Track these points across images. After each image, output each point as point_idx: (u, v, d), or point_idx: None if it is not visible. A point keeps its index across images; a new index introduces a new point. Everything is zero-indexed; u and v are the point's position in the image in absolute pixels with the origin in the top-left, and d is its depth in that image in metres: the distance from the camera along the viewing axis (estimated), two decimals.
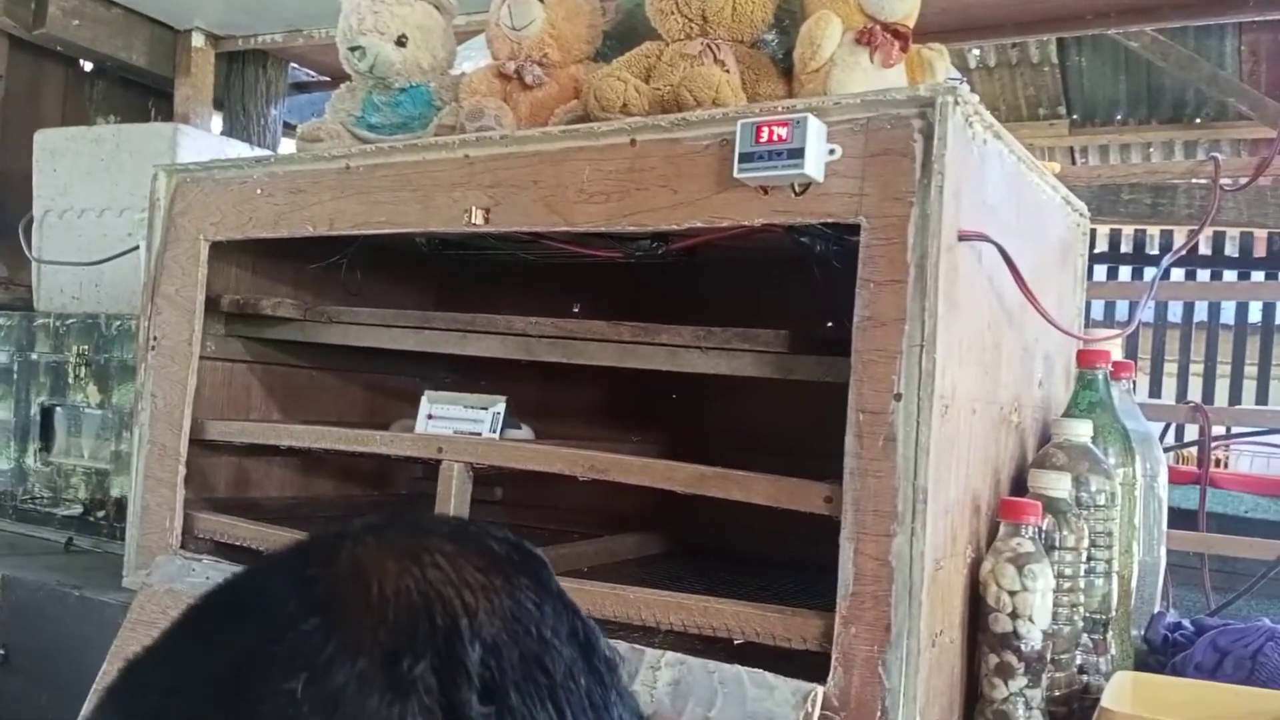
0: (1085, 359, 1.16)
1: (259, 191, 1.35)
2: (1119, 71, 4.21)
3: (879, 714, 0.89)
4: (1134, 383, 1.25)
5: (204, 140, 2.06)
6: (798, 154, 0.93)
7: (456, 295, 1.79)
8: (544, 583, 0.49)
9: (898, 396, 0.90)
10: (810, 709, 0.89)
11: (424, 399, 1.30)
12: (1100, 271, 5.25)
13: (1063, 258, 1.28)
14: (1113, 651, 1.08)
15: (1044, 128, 4.75)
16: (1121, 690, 0.97)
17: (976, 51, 4.32)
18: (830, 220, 0.96)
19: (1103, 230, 5.49)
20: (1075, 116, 4.63)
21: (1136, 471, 1.14)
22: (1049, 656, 0.97)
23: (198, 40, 2.69)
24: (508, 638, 0.44)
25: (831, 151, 0.95)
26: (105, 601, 1.46)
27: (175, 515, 1.39)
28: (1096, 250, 5.58)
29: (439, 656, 0.42)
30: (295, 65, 2.99)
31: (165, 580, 1.30)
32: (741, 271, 1.46)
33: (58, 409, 1.96)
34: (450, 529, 0.50)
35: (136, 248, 1.83)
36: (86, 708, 1.22)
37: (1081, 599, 1.03)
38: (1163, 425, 1.73)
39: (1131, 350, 4.42)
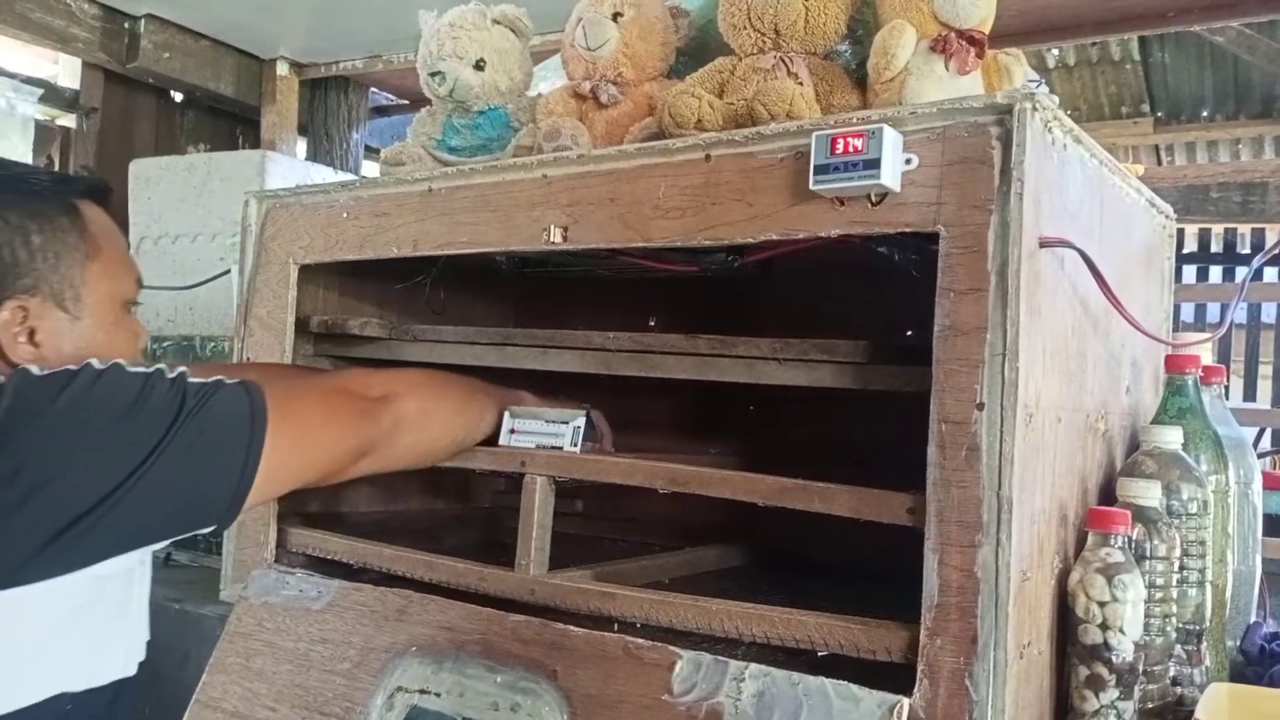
0: (1174, 364, 1.14)
1: (345, 215, 1.40)
2: (1204, 67, 4.10)
3: None
4: (1226, 387, 1.22)
5: (290, 166, 2.13)
6: (873, 164, 0.94)
7: (534, 311, 1.82)
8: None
9: (980, 406, 0.90)
10: None
11: (505, 414, 1.33)
12: (1189, 273, 5.10)
13: (1148, 261, 1.26)
14: (1207, 663, 1.05)
15: (1127, 126, 4.65)
16: (1216, 702, 0.95)
17: (1055, 51, 4.24)
18: (908, 230, 0.96)
19: (1191, 230, 5.33)
20: (1160, 114, 4.52)
21: (1229, 478, 1.12)
22: (1141, 668, 0.95)
23: (282, 69, 2.78)
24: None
25: (908, 161, 0.95)
26: (203, 614, 1.51)
27: (269, 530, 1.43)
28: (1185, 251, 5.42)
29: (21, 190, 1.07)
30: (375, 90, 3.07)
31: (261, 593, 1.34)
32: (815, 282, 1.46)
33: None
34: None
35: (228, 271, 1.90)
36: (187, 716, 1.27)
37: (1174, 609, 1.01)
38: (1257, 430, 1.68)
39: (1224, 354, 4.28)
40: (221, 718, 1.26)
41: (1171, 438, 1.05)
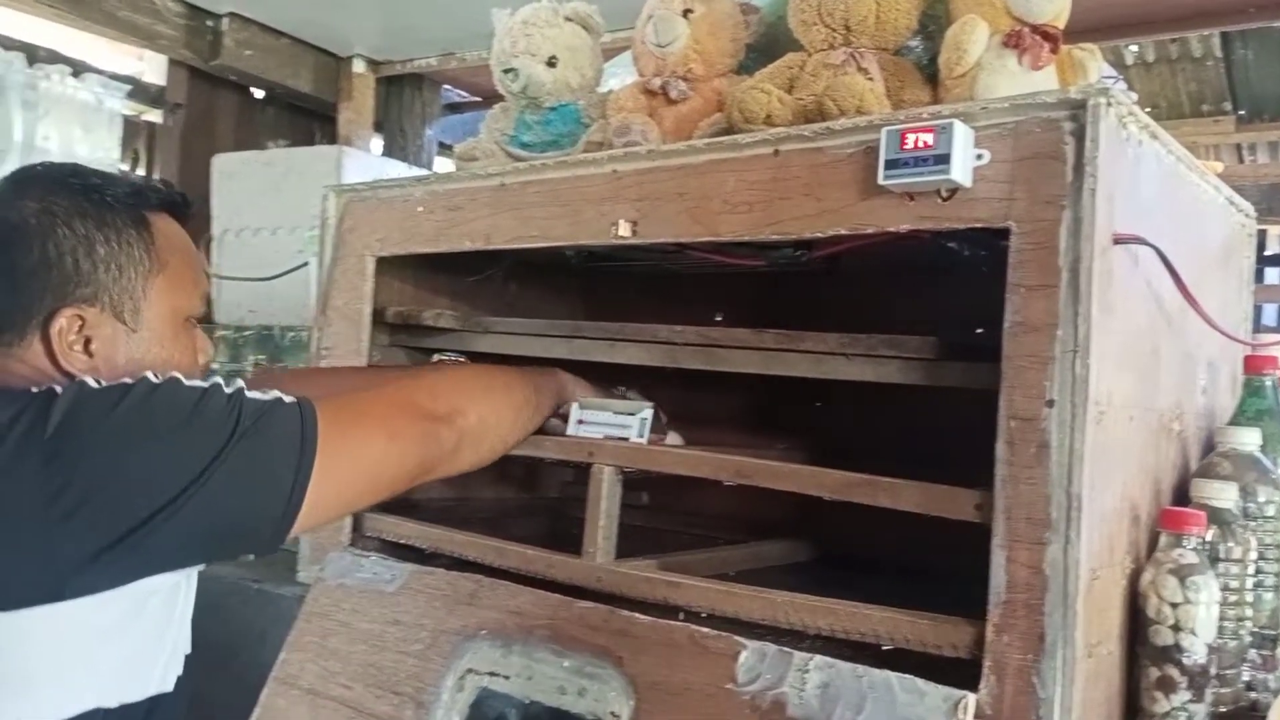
0: (1252, 365, 1.12)
1: (420, 209, 1.43)
2: None
3: None
4: None
5: (365, 161, 2.18)
6: (944, 160, 0.94)
7: (601, 306, 1.84)
8: (82, 168, 1.08)
9: (1050, 403, 0.89)
10: (962, 717, 0.89)
11: (574, 406, 1.35)
12: (1272, 275, 4.95)
13: (1226, 260, 1.24)
14: None
15: (1208, 125, 4.52)
16: None
17: (1134, 48, 4.14)
18: (978, 225, 0.95)
19: (1275, 231, 5.17)
20: (1242, 112, 4.39)
21: None
22: (1213, 671, 0.94)
23: (358, 66, 2.84)
24: (89, 177, 1.05)
25: (979, 156, 0.95)
26: (281, 594, 1.56)
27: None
28: (1268, 252, 5.26)
29: (82, 195, 1.01)
30: (448, 87, 3.12)
31: (337, 575, 1.38)
32: (882, 279, 1.46)
33: None
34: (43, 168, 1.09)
35: (306, 264, 1.96)
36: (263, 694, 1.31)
37: (1249, 613, 0.99)
38: None
39: None
40: (298, 694, 1.31)
41: (1249, 439, 1.04)
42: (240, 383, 0.96)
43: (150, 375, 0.92)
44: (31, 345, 0.96)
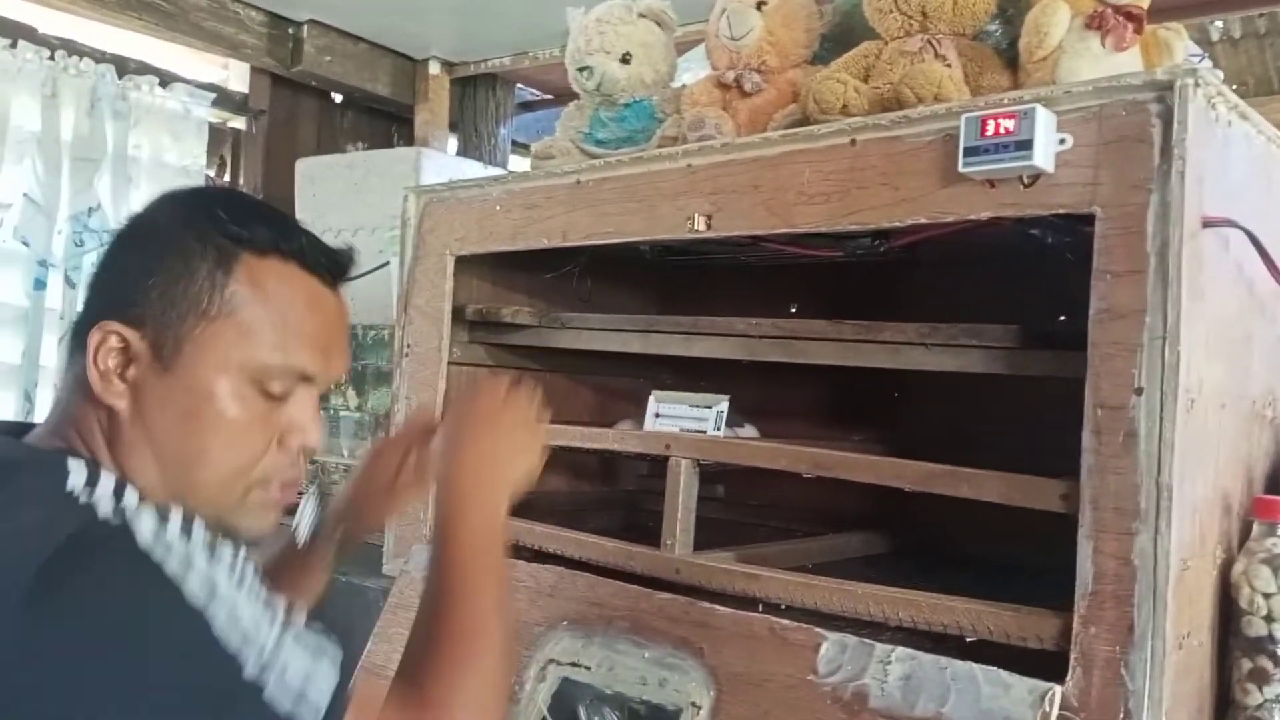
0: None
1: (498, 208, 1.45)
2: None
3: (1121, 716, 0.86)
4: None
5: (442, 161, 2.22)
6: (1026, 145, 0.92)
7: (677, 300, 1.85)
8: (244, 194, 1.16)
9: (1139, 391, 0.88)
10: (1049, 709, 0.88)
11: (651, 398, 1.36)
12: None
13: None
14: None
15: None
16: None
17: (1220, 23, 4.01)
18: (1062, 211, 0.94)
19: None
20: None
21: None
22: None
23: (434, 68, 2.89)
24: (243, 204, 0.93)
25: (1062, 141, 0.93)
26: (368, 587, 1.60)
27: (428, 508, 1.50)
28: None
29: (211, 217, 0.85)
30: (521, 86, 3.15)
31: (421, 568, 1.41)
32: (959, 267, 1.44)
33: (321, 411, 2.15)
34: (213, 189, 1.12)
35: (387, 264, 2.00)
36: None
37: None
38: None
39: None
40: (385, 683, 1.34)
41: None
42: (282, 656, 0.72)
43: (191, 586, 0.70)
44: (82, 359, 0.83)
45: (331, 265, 0.88)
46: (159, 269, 0.82)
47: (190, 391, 0.82)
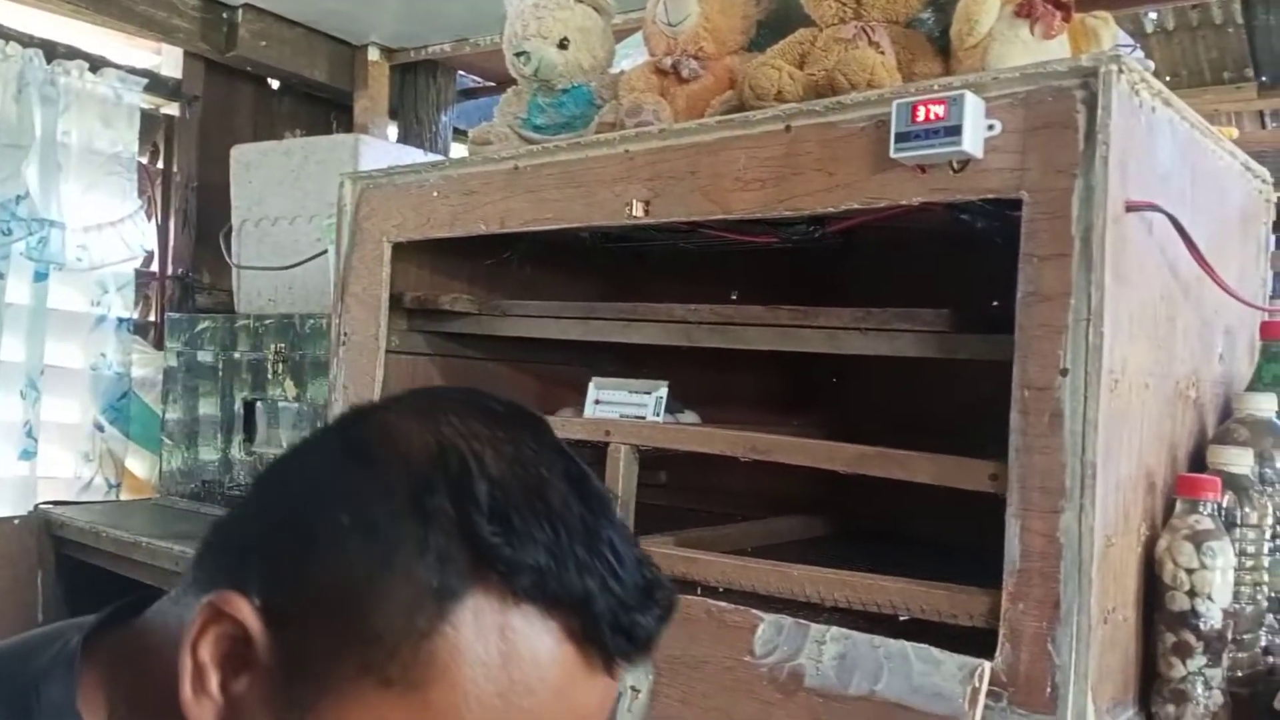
0: (1269, 331, 1.11)
1: (435, 194, 1.44)
2: None
3: (1048, 690, 0.88)
4: None
5: (382, 149, 2.19)
6: (955, 131, 0.94)
7: (619, 288, 1.85)
8: (540, 435, 0.58)
9: (1064, 372, 0.90)
10: (978, 684, 0.89)
11: (591, 385, 1.36)
12: None
13: (1244, 227, 1.23)
14: None
15: (1230, 92, 4.46)
16: None
17: (1154, 15, 4.09)
18: (991, 196, 0.96)
19: None
20: (1264, 78, 4.33)
21: None
22: (1230, 636, 0.94)
23: (373, 54, 2.85)
24: (510, 475, 0.54)
25: (990, 127, 0.95)
26: None
27: None
28: None
29: (454, 490, 0.52)
30: (463, 73, 3.12)
31: None
32: (898, 255, 1.46)
33: (258, 403, 2.12)
34: (460, 396, 0.60)
35: (325, 252, 1.97)
36: None
37: (1266, 578, 0.99)
38: None
39: None
40: None
41: (1265, 405, 1.03)
42: None
43: None
44: (190, 613, 0.54)
45: (629, 637, 0.54)
46: (332, 549, 0.52)
47: None
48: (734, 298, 1.65)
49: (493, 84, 3.09)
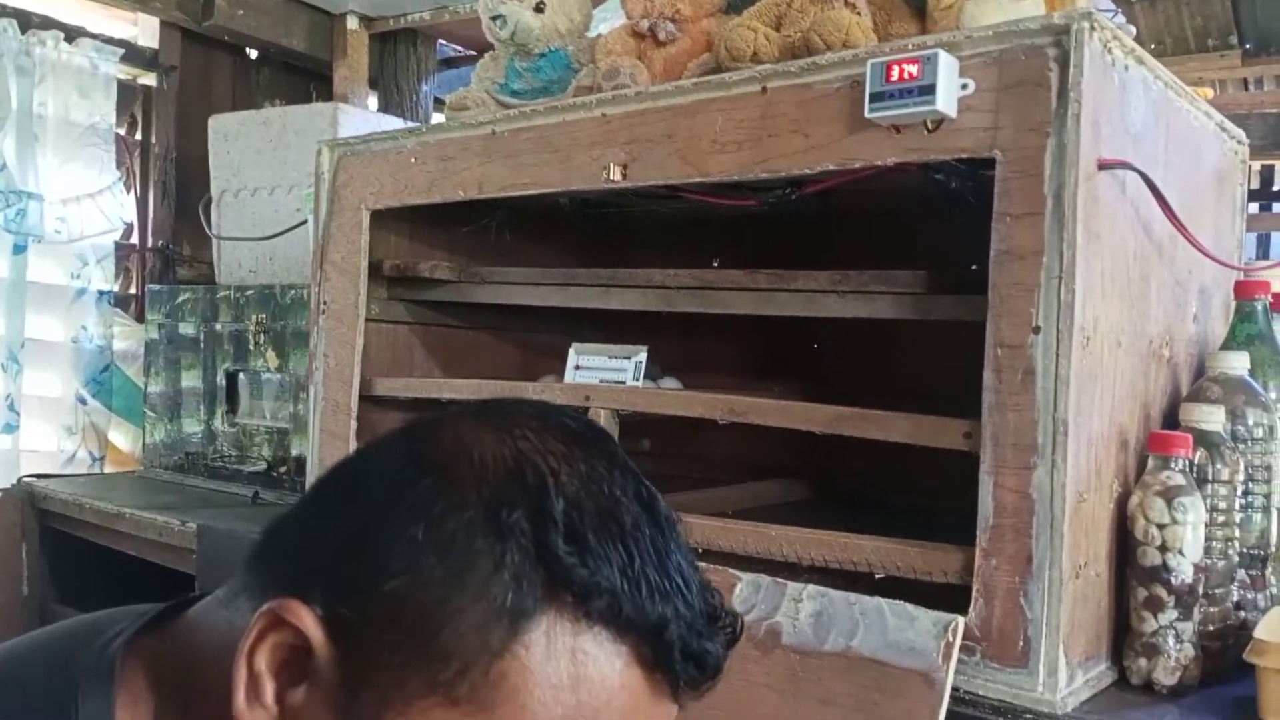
0: (1243, 290, 1.12)
1: (413, 160, 1.43)
2: None
3: (1021, 644, 0.89)
4: None
5: (361, 118, 2.17)
6: (929, 90, 0.94)
7: (600, 257, 1.84)
8: (612, 454, 0.57)
9: (1036, 329, 0.90)
10: (951, 639, 0.90)
11: (571, 351, 1.36)
12: None
13: (1219, 187, 1.23)
14: (1273, 589, 1.05)
15: (1214, 59, 4.46)
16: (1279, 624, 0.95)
17: None
18: (965, 155, 0.96)
19: None
20: (1248, 46, 4.33)
21: None
22: (1201, 591, 0.95)
23: (352, 23, 2.82)
24: (585, 495, 0.53)
25: (964, 86, 0.95)
26: None
27: None
28: (1277, 188, 5.21)
29: (531, 507, 0.51)
30: (443, 42, 3.10)
31: None
32: (880, 222, 1.46)
33: (240, 374, 2.12)
34: (534, 410, 0.58)
35: (305, 222, 1.96)
36: None
37: (1237, 534, 1.00)
38: None
39: None
40: None
41: (1237, 363, 1.04)
42: None
43: None
44: (243, 618, 0.53)
45: (698, 664, 0.54)
46: (404, 563, 0.50)
47: None
48: (715, 265, 1.65)
49: (473, 53, 3.06)
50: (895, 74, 0.96)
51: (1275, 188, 5.12)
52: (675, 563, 0.53)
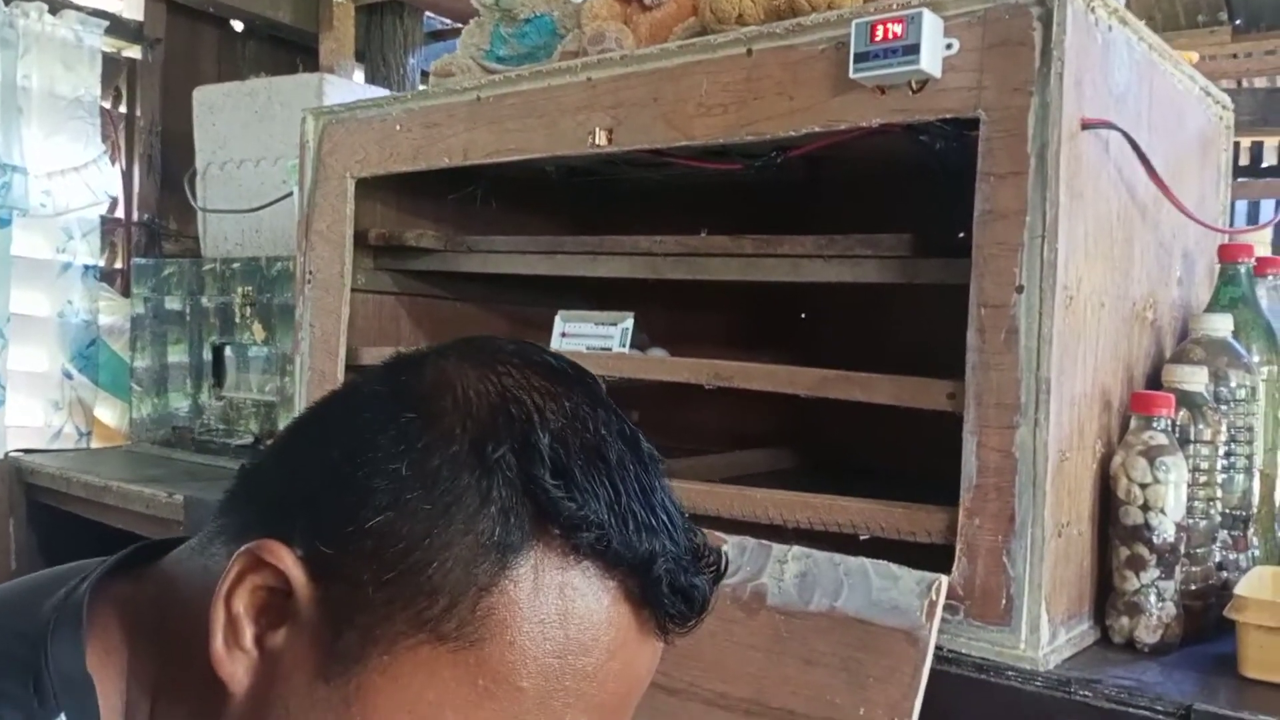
0: (1227, 253, 1.12)
1: (398, 128, 1.42)
2: None
3: (1004, 602, 0.90)
4: None
5: (347, 89, 2.16)
6: (913, 50, 0.93)
7: (586, 224, 1.84)
8: (595, 392, 0.56)
9: (1019, 289, 0.90)
10: (935, 597, 0.91)
11: (557, 318, 1.36)
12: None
13: (1203, 151, 1.23)
14: (1255, 550, 1.05)
15: (1204, 35, 4.46)
16: (1260, 582, 0.95)
17: None
18: (949, 115, 0.96)
19: (1271, 142, 5.13)
20: (1238, 22, 4.33)
21: None
22: (1183, 550, 0.96)
23: None
24: (570, 431, 0.52)
25: (948, 46, 0.94)
26: None
27: None
28: (1270, 163, 5.22)
29: (517, 442, 0.51)
30: (430, 15, 3.08)
31: None
32: (869, 187, 1.46)
33: (227, 348, 2.11)
34: (516, 348, 0.57)
35: (291, 194, 1.95)
36: None
37: (1219, 494, 1.01)
38: None
39: None
40: None
41: (1220, 325, 1.04)
42: None
43: None
44: (220, 562, 0.53)
45: (686, 600, 0.53)
46: (388, 498, 0.50)
47: None
48: (704, 234, 1.65)
49: (460, 25, 3.05)
50: (880, 34, 0.95)
51: (1265, 164, 5.12)
52: (660, 500, 0.53)
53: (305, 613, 0.49)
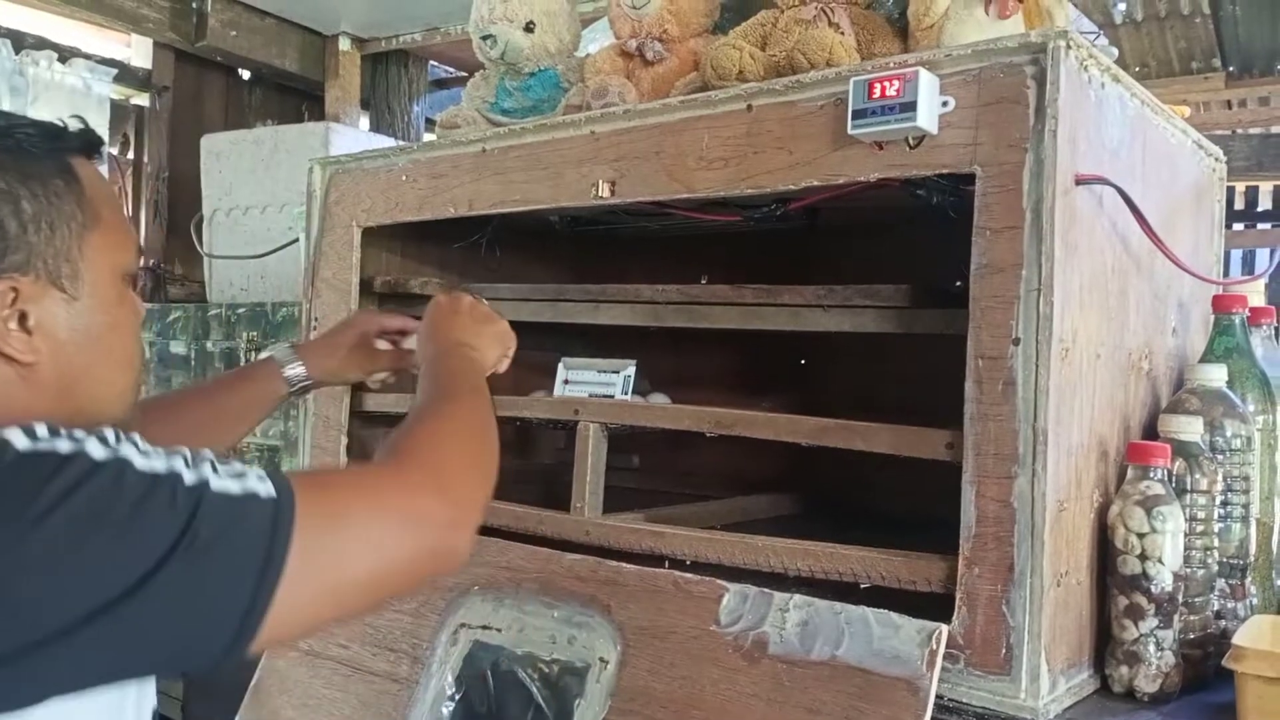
0: (1220, 304, 1.14)
1: (404, 178, 1.45)
2: (1278, 19, 3.97)
3: (1004, 651, 0.90)
4: (1277, 329, 1.21)
5: (353, 137, 2.20)
6: (910, 108, 0.95)
7: (588, 272, 1.86)
8: None
9: (1016, 341, 0.92)
10: (935, 646, 0.91)
11: (560, 365, 1.37)
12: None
13: (1196, 202, 1.25)
14: (1253, 598, 1.06)
15: (1198, 82, 4.52)
16: (1259, 631, 0.96)
17: (1122, 5, 4.13)
18: (945, 171, 0.98)
19: (1266, 187, 5.18)
20: (1231, 68, 4.39)
21: (1278, 418, 1.12)
22: (1181, 599, 0.97)
23: (344, 44, 2.85)
24: None
25: (945, 103, 0.97)
26: None
27: None
28: (1261, 209, 5.27)
29: None
30: (434, 63, 3.13)
31: None
32: (866, 240, 1.48)
33: None
34: None
35: (296, 240, 1.97)
36: None
37: (1216, 543, 1.02)
38: None
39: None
40: (298, 655, 1.34)
41: (1215, 375, 1.06)
42: (207, 469, 0.73)
43: (92, 449, 0.70)
44: None
45: (99, 144, 0.87)
46: (15, 204, 0.77)
47: (98, 308, 0.82)
48: (704, 281, 1.66)
49: (464, 74, 3.10)
50: (877, 91, 0.98)
51: (1259, 208, 5.17)
52: (44, 121, 0.84)
53: (37, 290, 0.79)
